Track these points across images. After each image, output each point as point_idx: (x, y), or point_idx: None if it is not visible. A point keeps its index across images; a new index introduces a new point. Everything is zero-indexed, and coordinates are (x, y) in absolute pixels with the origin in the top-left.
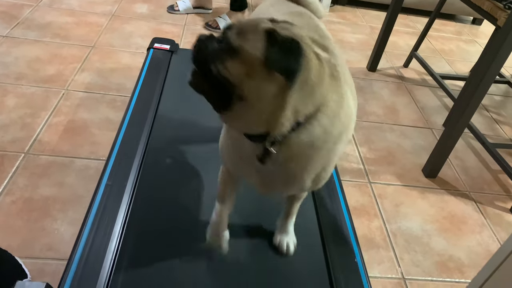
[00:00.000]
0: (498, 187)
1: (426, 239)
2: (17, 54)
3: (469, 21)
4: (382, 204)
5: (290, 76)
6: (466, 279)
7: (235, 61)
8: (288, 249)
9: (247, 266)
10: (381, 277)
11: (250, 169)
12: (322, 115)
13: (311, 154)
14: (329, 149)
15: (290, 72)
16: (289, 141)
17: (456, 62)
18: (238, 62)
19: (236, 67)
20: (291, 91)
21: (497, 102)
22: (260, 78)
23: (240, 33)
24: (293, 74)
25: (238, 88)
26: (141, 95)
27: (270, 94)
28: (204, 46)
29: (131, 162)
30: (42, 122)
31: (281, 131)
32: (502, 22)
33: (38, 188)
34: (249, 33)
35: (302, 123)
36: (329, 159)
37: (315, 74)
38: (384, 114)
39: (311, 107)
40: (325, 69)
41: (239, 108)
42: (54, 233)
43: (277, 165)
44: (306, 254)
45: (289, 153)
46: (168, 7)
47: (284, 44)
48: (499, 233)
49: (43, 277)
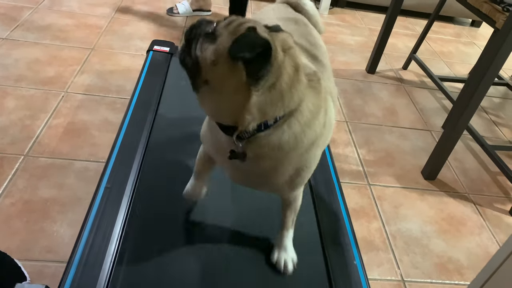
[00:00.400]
0: (497, 189)
1: (426, 241)
2: (17, 56)
3: (468, 23)
4: (382, 206)
5: (249, 68)
6: (466, 281)
7: (210, 46)
8: (286, 268)
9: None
10: (381, 279)
11: (223, 158)
12: (294, 121)
13: (280, 157)
14: (300, 154)
15: (248, 63)
16: (258, 140)
17: (455, 64)
18: (211, 48)
19: (208, 51)
20: (253, 88)
21: (496, 104)
22: (222, 67)
23: (227, 25)
24: (252, 66)
25: (204, 71)
26: (141, 97)
27: (231, 85)
28: (198, 26)
29: (130, 164)
30: (41, 124)
31: (247, 127)
32: (500, 24)
33: (38, 190)
34: (233, 27)
35: (272, 125)
36: (302, 165)
37: (286, 81)
38: (383, 116)
39: (280, 111)
40: (300, 79)
41: (205, 91)
42: (53, 235)
43: (247, 161)
44: (305, 256)
45: (257, 151)
46: (168, 10)
47: (250, 39)
48: (498, 235)
49: (42, 280)
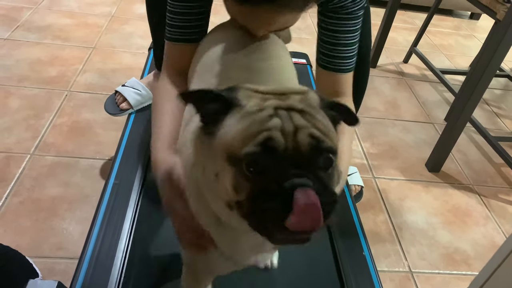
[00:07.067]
0: (501, 180)
1: (432, 232)
2: (19, 57)
3: (467, 16)
4: (387, 198)
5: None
6: (473, 271)
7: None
8: (272, 264)
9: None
10: (389, 270)
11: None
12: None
13: None
14: None
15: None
16: None
17: (455, 57)
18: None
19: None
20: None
21: (497, 96)
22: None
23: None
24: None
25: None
26: None
27: None
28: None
29: (137, 160)
30: (46, 123)
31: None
32: (501, 15)
33: (45, 188)
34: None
35: None
36: None
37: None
38: (385, 109)
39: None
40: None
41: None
42: (62, 232)
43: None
44: (315, 248)
45: None
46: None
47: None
48: (504, 225)
49: (53, 276)
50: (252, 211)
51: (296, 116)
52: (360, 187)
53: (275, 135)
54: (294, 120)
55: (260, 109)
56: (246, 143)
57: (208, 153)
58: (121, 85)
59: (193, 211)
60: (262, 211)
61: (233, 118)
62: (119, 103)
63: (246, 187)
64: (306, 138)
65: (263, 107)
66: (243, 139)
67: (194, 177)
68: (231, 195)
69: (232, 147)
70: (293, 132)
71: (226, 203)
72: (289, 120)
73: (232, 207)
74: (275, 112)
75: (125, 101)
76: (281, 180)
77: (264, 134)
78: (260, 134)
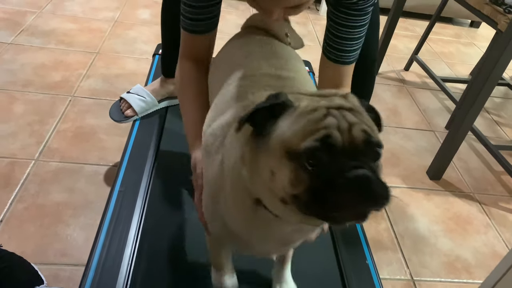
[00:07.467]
0: (502, 188)
1: (433, 240)
2: (23, 61)
3: (467, 24)
4: (389, 206)
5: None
6: (474, 279)
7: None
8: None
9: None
10: (390, 278)
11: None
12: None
13: None
14: None
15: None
16: None
17: (456, 65)
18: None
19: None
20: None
21: (497, 104)
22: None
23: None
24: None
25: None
26: None
27: None
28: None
29: (143, 167)
30: (50, 128)
31: None
32: (502, 26)
33: (50, 194)
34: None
35: None
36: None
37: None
38: (386, 116)
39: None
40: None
41: None
42: (67, 238)
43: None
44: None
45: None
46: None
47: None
48: (504, 233)
49: (58, 283)
50: (311, 202)
51: (348, 114)
52: None
53: (333, 132)
54: (347, 118)
55: (314, 109)
56: (305, 139)
57: (262, 153)
58: (126, 92)
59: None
60: (325, 201)
61: (289, 118)
62: (124, 110)
63: (305, 180)
64: (360, 134)
65: (315, 107)
66: (302, 135)
67: (232, 175)
68: (287, 189)
69: (291, 143)
70: (347, 128)
71: (281, 198)
72: (343, 118)
73: (286, 201)
74: (328, 111)
75: (130, 108)
76: (341, 171)
77: (323, 131)
78: (318, 132)
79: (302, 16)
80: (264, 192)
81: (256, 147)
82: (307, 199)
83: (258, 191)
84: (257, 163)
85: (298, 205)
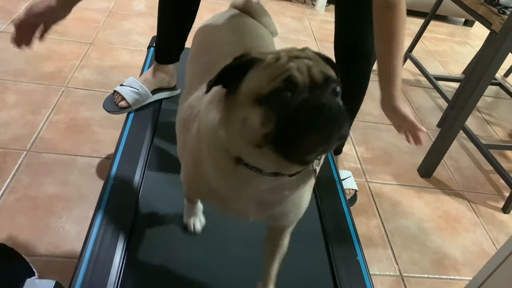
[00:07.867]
0: (491, 187)
1: (423, 238)
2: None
3: (461, 22)
4: (380, 203)
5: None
6: (461, 276)
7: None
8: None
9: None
10: (380, 274)
11: (249, 196)
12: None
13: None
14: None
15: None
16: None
17: (449, 63)
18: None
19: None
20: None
21: (489, 104)
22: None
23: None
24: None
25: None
26: None
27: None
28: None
29: (137, 160)
30: (43, 119)
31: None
32: (496, 26)
33: (42, 186)
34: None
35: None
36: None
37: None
38: (380, 114)
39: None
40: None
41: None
42: (59, 231)
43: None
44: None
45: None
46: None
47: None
48: (492, 232)
49: (49, 275)
50: (281, 135)
51: (306, 60)
52: (354, 191)
53: (294, 73)
54: (306, 62)
55: (277, 59)
56: (271, 82)
57: (235, 108)
58: (120, 85)
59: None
60: (292, 131)
61: (255, 71)
62: (117, 102)
63: (273, 118)
64: (318, 73)
65: (278, 57)
66: (268, 81)
67: (209, 139)
68: (258, 131)
69: (259, 89)
70: (307, 70)
71: (255, 142)
72: (302, 63)
73: (260, 144)
74: (289, 59)
75: (123, 100)
76: (304, 102)
77: (285, 73)
78: (281, 75)
79: (298, 11)
80: (240, 142)
81: (230, 104)
82: (277, 134)
83: (234, 145)
84: (231, 117)
85: (270, 143)
